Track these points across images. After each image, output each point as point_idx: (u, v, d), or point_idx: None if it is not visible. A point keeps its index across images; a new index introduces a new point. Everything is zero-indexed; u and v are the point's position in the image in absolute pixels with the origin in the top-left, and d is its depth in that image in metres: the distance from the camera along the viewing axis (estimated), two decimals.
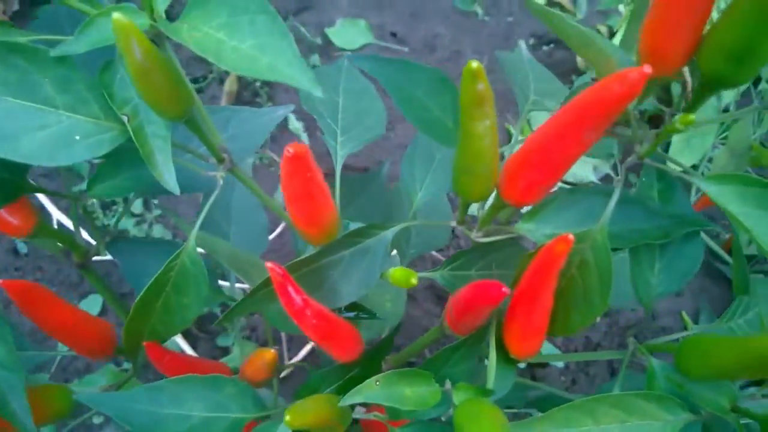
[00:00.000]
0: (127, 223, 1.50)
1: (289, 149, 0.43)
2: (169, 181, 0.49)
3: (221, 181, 0.55)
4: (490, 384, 0.55)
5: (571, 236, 0.47)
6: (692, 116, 0.44)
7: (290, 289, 0.54)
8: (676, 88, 1.52)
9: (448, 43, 1.74)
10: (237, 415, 0.58)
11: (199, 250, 0.58)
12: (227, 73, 1.67)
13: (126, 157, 0.59)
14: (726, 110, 1.52)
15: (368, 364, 0.66)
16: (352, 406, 0.64)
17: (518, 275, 0.53)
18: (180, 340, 1.43)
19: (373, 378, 0.53)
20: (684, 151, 1.33)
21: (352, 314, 0.68)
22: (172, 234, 1.52)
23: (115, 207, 1.52)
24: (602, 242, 0.49)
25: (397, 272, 0.55)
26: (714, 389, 0.54)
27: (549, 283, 0.50)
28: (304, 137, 1.62)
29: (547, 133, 0.48)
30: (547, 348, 1.53)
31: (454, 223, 0.62)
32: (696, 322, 1.39)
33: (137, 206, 1.52)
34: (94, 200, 1.51)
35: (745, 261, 0.61)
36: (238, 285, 1.37)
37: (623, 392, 0.53)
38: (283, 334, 1.47)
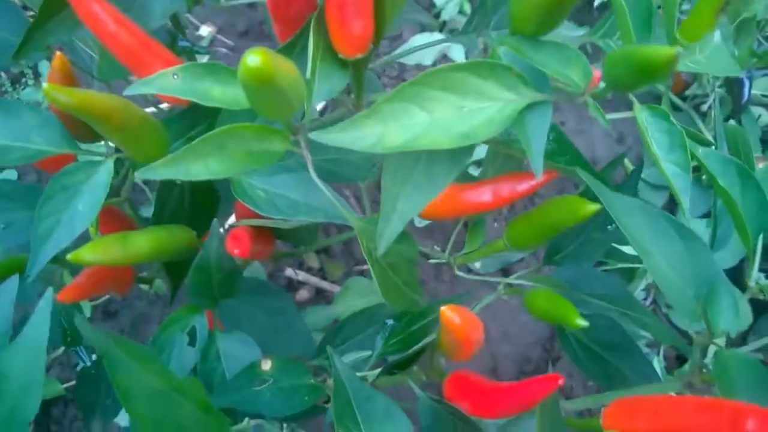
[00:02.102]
0: None
1: None
2: None
3: None
4: (307, 75, 0.48)
5: None
6: None
7: None
8: None
9: None
10: (41, 147, 0.52)
11: None
12: None
13: None
14: None
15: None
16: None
17: None
18: None
19: (170, 69, 0.47)
20: None
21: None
22: None
23: (24, 79, 1.44)
24: None
25: None
26: (561, 60, 0.47)
27: None
28: None
29: None
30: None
31: None
32: None
33: None
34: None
35: None
36: None
37: (452, 65, 0.46)
38: None
